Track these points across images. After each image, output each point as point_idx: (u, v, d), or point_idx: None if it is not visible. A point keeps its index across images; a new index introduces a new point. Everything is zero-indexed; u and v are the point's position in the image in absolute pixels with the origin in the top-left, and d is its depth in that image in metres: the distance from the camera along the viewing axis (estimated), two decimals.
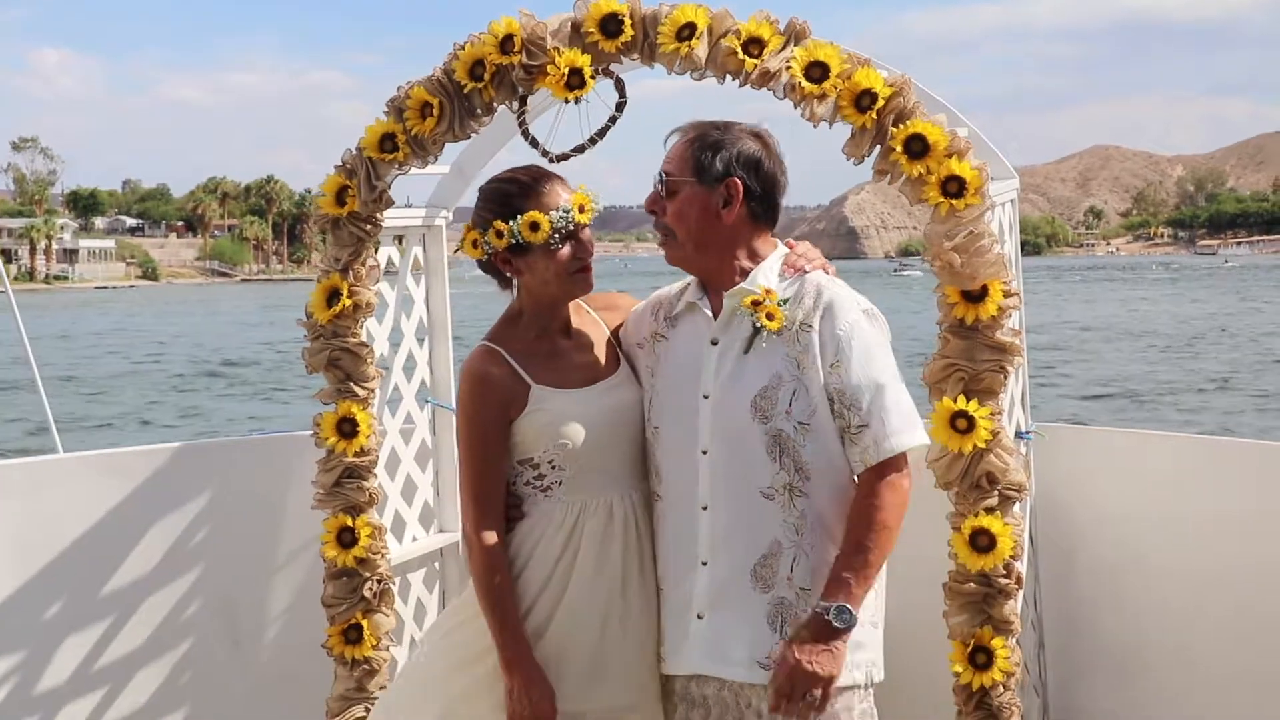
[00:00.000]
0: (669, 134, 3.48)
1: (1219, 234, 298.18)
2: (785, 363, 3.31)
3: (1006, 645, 3.46)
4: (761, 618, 3.32)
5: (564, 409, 3.48)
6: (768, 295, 3.32)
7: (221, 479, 4.78)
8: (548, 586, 3.50)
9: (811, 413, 3.30)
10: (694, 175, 3.37)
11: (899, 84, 3.41)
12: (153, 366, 49.97)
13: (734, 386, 3.34)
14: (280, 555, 4.80)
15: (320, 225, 4.00)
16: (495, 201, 3.53)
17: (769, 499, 3.31)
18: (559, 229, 3.46)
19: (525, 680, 3.43)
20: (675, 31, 3.43)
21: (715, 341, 3.40)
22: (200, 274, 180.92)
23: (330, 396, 4.03)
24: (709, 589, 3.36)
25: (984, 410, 3.42)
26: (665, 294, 3.62)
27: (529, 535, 3.53)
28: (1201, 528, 4.44)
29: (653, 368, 3.51)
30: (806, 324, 3.32)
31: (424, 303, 4.71)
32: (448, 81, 3.65)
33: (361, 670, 4.05)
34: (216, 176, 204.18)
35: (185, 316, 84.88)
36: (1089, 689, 4.63)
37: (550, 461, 3.49)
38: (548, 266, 3.50)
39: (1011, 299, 3.47)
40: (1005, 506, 3.46)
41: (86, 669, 4.54)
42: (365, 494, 4.04)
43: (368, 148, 3.80)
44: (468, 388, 3.53)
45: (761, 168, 3.39)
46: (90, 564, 4.54)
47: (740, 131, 3.40)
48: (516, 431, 3.52)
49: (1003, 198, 4.07)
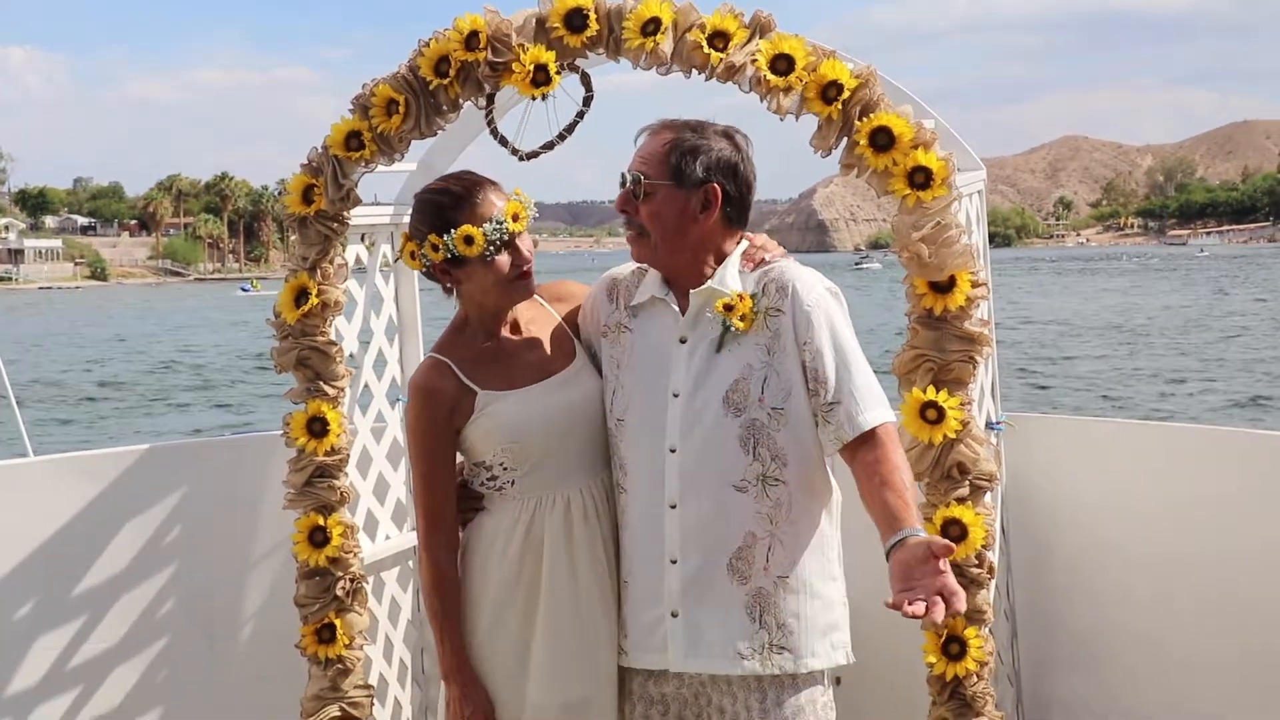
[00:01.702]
0: (639, 132, 3.45)
1: (1189, 224, 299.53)
2: (755, 351, 3.30)
3: (979, 635, 3.47)
4: (740, 609, 3.31)
5: (510, 411, 3.48)
6: (740, 300, 3.31)
7: (192, 480, 4.76)
8: (505, 583, 3.50)
9: (786, 396, 3.29)
10: (671, 179, 3.34)
11: (865, 75, 3.41)
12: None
13: (704, 384, 3.33)
14: (253, 555, 4.79)
15: (287, 224, 3.98)
16: (429, 214, 3.50)
17: (741, 491, 3.30)
18: (493, 240, 3.43)
19: (461, 692, 3.48)
20: (640, 26, 3.43)
21: (684, 340, 3.39)
22: (153, 274, 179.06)
23: (300, 396, 4.02)
24: (682, 586, 3.34)
25: (954, 400, 3.43)
26: (619, 277, 3.58)
27: (485, 533, 3.55)
28: (1171, 515, 4.46)
29: (618, 359, 3.48)
30: (774, 309, 3.30)
31: (393, 300, 4.70)
32: (413, 78, 3.65)
33: (335, 669, 4.04)
34: (178, 174, 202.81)
35: (105, 323, 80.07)
36: (1062, 677, 4.65)
37: (501, 463, 3.51)
38: (486, 276, 3.48)
39: (979, 289, 3.48)
40: (976, 496, 3.48)
41: (59, 670, 4.52)
42: (337, 493, 4.03)
43: (333, 146, 3.79)
44: (414, 402, 3.55)
45: (738, 172, 3.38)
46: (62, 566, 4.52)
47: (714, 134, 3.38)
48: (465, 438, 3.53)
49: (970, 189, 4.08)
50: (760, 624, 3.30)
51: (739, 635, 3.31)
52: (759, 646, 3.29)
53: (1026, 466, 4.52)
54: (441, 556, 3.52)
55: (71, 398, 40.60)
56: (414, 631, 4.72)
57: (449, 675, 3.50)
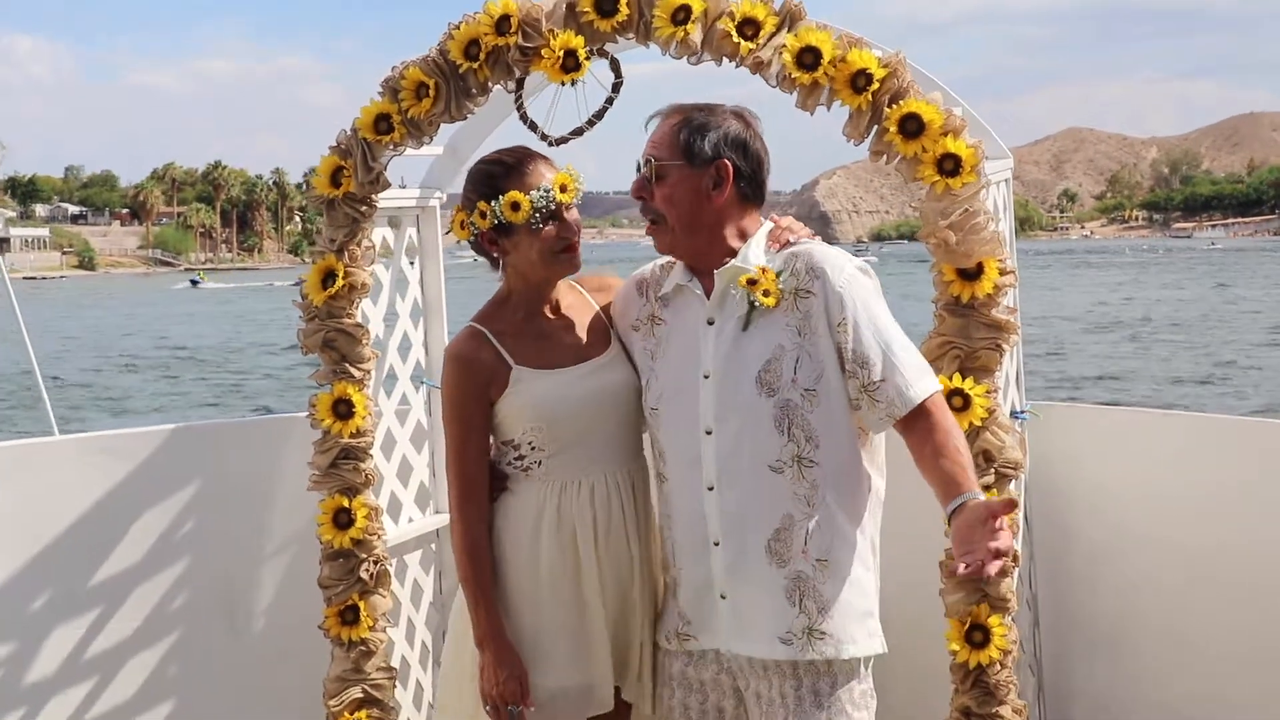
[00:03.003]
0: (649, 118, 3.45)
1: (1194, 216, 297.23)
2: (786, 332, 3.29)
3: (1003, 623, 3.48)
4: (780, 593, 3.30)
5: (543, 390, 3.49)
6: (763, 274, 3.31)
7: (217, 461, 4.78)
8: (527, 564, 3.51)
9: (818, 377, 3.27)
10: (683, 158, 3.34)
11: (893, 64, 3.42)
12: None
13: (735, 364, 3.32)
14: (276, 537, 4.81)
15: (314, 206, 3.99)
16: (480, 182, 3.53)
17: (778, 473, 3.29)
18: (540, 208, 3.45)
19: (495, 658, 3.47)
20: (670, 14, 3.43)
21: (711, 321, 3.39)
22: (142, 263, 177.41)
23: (326, 378, 4.03)
24: (725, 569, 3.35)
25: (980, 388, 3.44)
26: (648, 274, 3.59)
27: (510, 513, 3.55)
28: (1196, 505, 4.45)
29: (651, 350, 3.49)
30: (804, 290, 3.28)
31: (419, 284, 4.71)
32: (443, 62, 3.65)
33: (358, 651, 4.06)
34: (171, 162, 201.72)
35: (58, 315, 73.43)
36: (1084, 666, 4.65)
37: (530, 443, 3.51)
38: (532, 246, 3.49)
39: (1007, 277, 3.48)
40: (1001, 484, 3.48)
41: (83, 649, 4.55)
42: (361, 475, 4.05)
43: (363, 129, 3.80)
44: (450, 369, 3.56)
45: (748, 148, 3.38)
46: (86, 546, 4.54)
47: (724, 113, 3.38)
48: (497, 413, 3.53)
49: (997, 177, 4.08)
50: (800, 608, 3.29)
51: (780, 619, 3.30)
52: (799, 631, 3.28)
53: (1050, 455, 4.52)
54: (475, 525, 3.52)
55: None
56: (435, 614, 4.73)
57: (483, 641, 3.48)
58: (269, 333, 55.73)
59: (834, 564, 3.29)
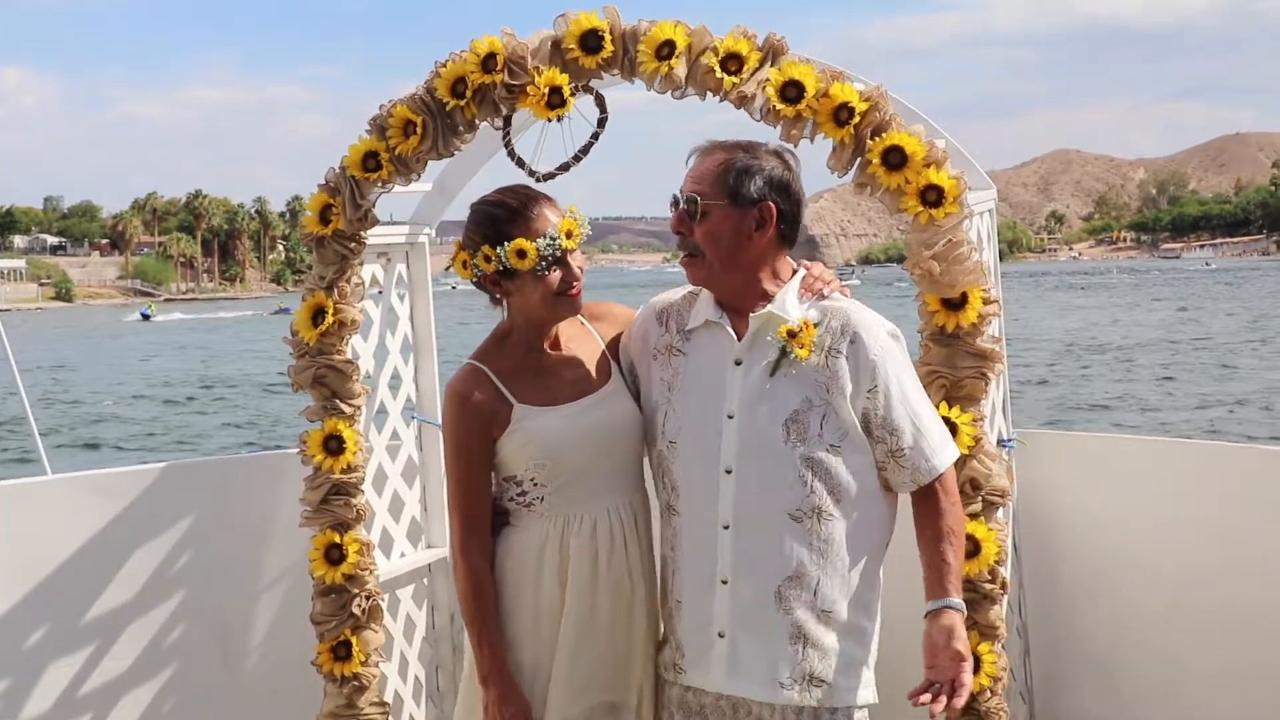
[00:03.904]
0: (690, 154, 3.44)
1: (1182, 237, 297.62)
2: (814, 387, 3.30)
3: (993, 650, 3.49)
4: (784, 638, 3.32)
5: (545, 427, 3.50)
6: (805, 329, 3.32)
7: (209, 497, 4.79)
8: (530, 600, 3.52)
9: (842, 435, 3.29)
10: (727, 199, 3.34)
11: (874, 97, 3.45)
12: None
13: (762, 407, 3.32)
14: (268, 572, 4.81)
15: (305, 243, 4.01)
16: (484, 224, 3.52)
17: (797, 521, 3.30)
18: (545, 256, 3.46)
19: (499, 695, 3.48)
20: (654, 50, 3.46)
21: (739, 361, 3.38)
22: (121, 294, 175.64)
23: (316, 414, 4.05)
24: (731, 608, 3.35)
25: (966, 417, 3.46)
26: (669, 302, 3.59)
27: (513, 549, 3.56)
28: (1183, 530, 4.47)
29: (669, 382, 3.48)
30: (835, 350, 3.30)
31: (408, 319, 4.72)
32: (430, 100, 3.68)
33: (351, 687, 4.06)
34: (153, 192, 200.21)
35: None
36: (1075, 693, 4.66)
37: (532, 479, 3.52)
38: (535, 290, 3.50)
39: (991, 306, 3.51)
40: (989, 512, 3.50)
41: (77, 686, 4.54)
42: (353, 510, 4.06)
43: (351, 166, 3.82)
44: (450, 407, 3.57)
45: (790, 190, 3.39)
46: (79, 583, 4.55)
47: (766, 153, 3.39)
48: (499, 450, 3.54)
49: (980, 207, 4.11)
50: (802, 655, 3.31)
51: (780, 663, 3.31)
52: (799, 677, 3.30)
53: (1038, 482, 4.54)
54: (477, 561, 3.52)
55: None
56: (429, 649, 4.73)
57: (487, 678, 3.49)
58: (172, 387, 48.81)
59: (838, 615, 3.31)
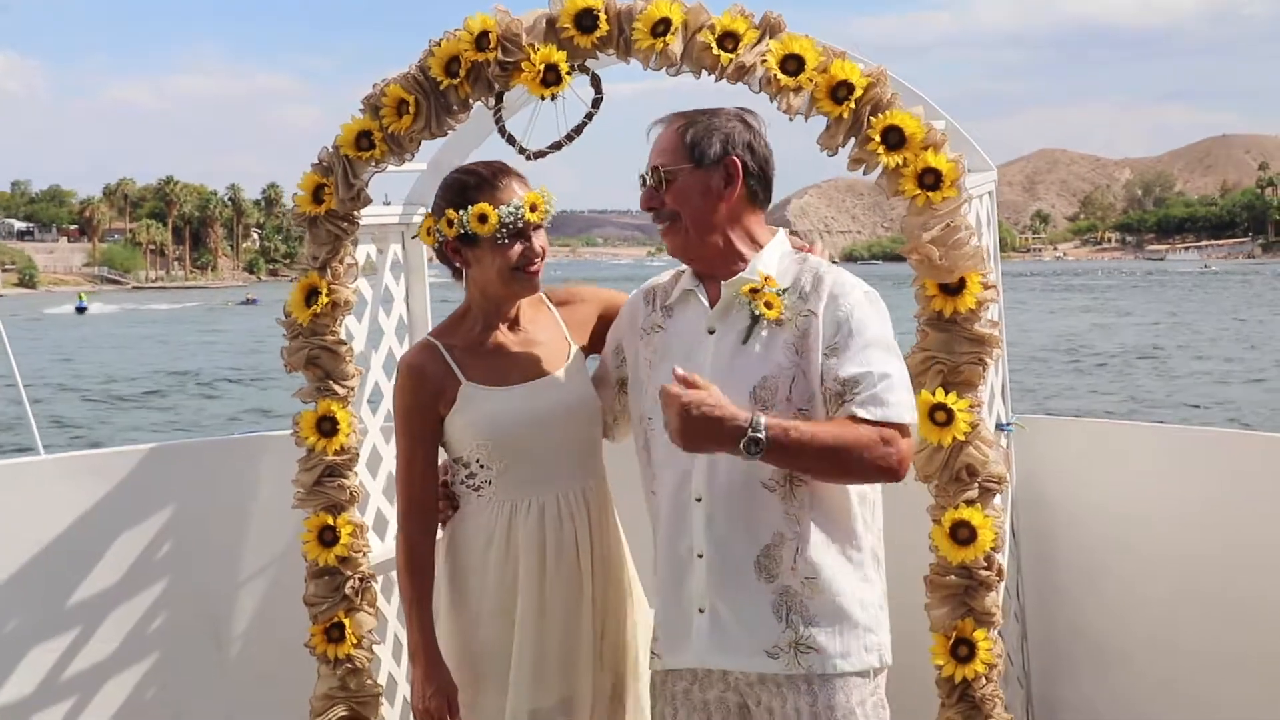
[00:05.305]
0: (651, 126, 3.44)
1: (1167, 238, 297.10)
2: (785, 350, 3.26)
3: (988, 637, 3.47)
4: (767, 608, 3.28)
5: (488, 407, 3.50)
6: (766, 282, 3.29)
7: (201, 478, 4.77)
8: (476, 585, 3.53)
9: (810, 397, 3.25)
10: (690, 161, 3.33)
11: (876, 75, 3.41)
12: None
13: (732, 376, 3.27)
14: (261, 554, 4.79)
15: (297, 223, 3.99)
16: (452, 191, 3.56)
17: (770, 490, 3.27)
18: (507, 224, 3.46)
19: (424, 673, 3.52)
20: (650, 27, 3.42)
21: (712, 330, 3.36)
22: (88, 281, 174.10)
23: (310, 395, 4.02)
24: (709, 582, 3.31)
25: (963, 403, 3.43)
26: (658, 282, 3.58)
27: (463, 533, 3.57)
28: (1181, 516, 4.45)
29: (650, 359, 3.46)
30: (810, 310, 3.27)
31: (403, 300, 4.70)
32: (423, 78, 3.65)
33: (344, 669, 4.04)
34: (125, 178, 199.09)
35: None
36: (1072, 679, 4.64)
37: (478, 460, 3.52)
38: (493, 262, 3.51)
39: (989, 291, 3.48)
40: (985, 498, 3.47)
41: (66, 668, 4.52)
42: (346, 492, 4.03)
43: (344, 145, 3.79)
44: (400, 380, 3.59)
45: (754, 147, 3.37)
46: (71, 564, 4.53)
47: (727, 114, 3.39)
48: (446, 429, 3.55)
49: (980, 190, 4.07)
50: (786, 623, 3.27)
51: (766, 633, 3.28)
52: (786, 645, 3.26)
53: (1035, 468, 4.51)
54: (417, 538, 3.56)
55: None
56: None
57: (414, 654, 3.54)
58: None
59: (823, 580, 3.26)
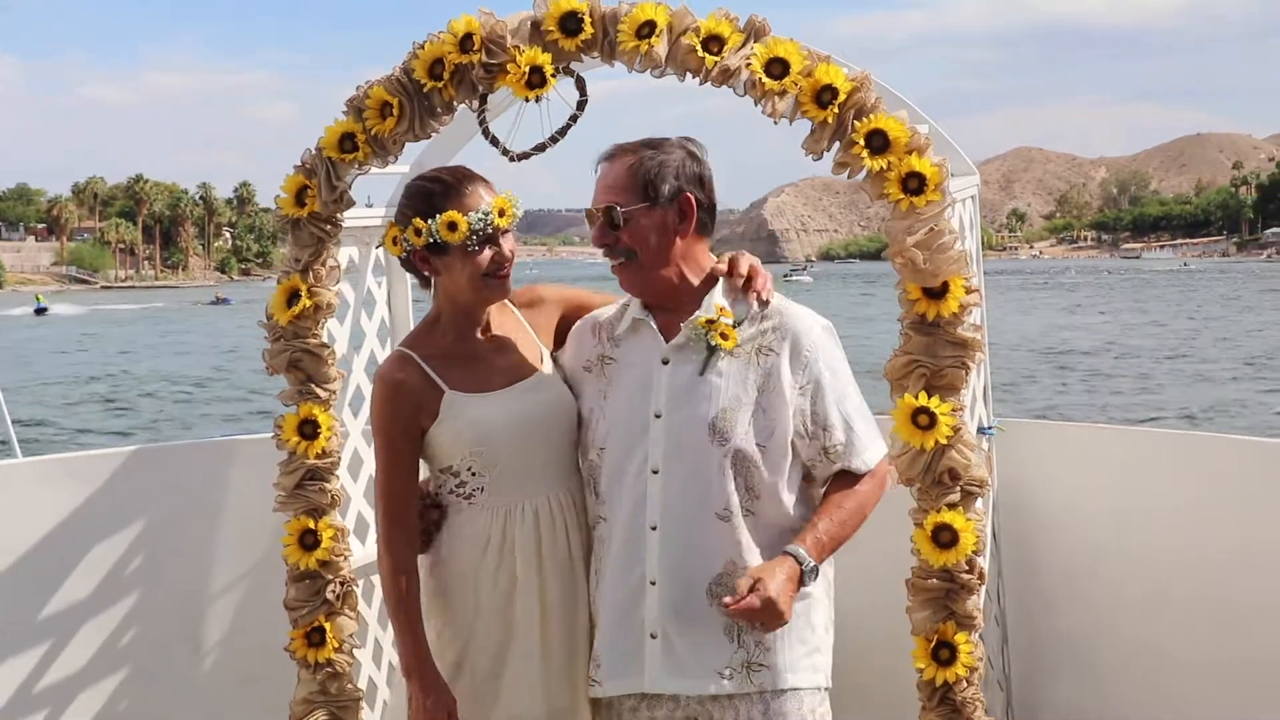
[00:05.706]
0: (596, 161, 3.48)
1: (1143, 237, 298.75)
2: (743, 386, 3.33)
3: (970, 640, 3.47)
4: (719, 630, 3.33)
5: (479, 414, 3.49)
6: (721, 314, 3.33)
7: (181, 482, 4.74)
8: (472, 593, 3.51)
9: (770, 434, 3.33)
10: (644, 200, 3.38)
11: (860, 80, 3.42)
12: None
13: (689, 407, 3.34)
14: (241, 558, 4.77)
15: (280, 226, 3.97)
16: (418, 199, 3.54)
17: (724, 520, 3.33)
18: (477, 230, 3.46)
19: (421, 687, 3.48)
20: (635, 29, 3.42)
21: (666, 360, 3.40)
22: (55, 280, 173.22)
23: (291, 398, 4.00)
24: (661, 608, 3.35)
25: (945, 406, 3.43)
26: (603, 316, 3.60)
27: (456, 543, 3.55)
28: (1162, 519, 4.47)
29: (603, 390, 3.49)
30: (768, 348, 3.35)
31: (385, 303, 4.69)
32: (407, 81, 3.64)
33: (325, 673, 4.02)
34: (94, 176, 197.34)
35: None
36: (1053, 682, 4.66)
37: (469, 468, 3.51)
38: (464, 269, 3.50)
39: (972, 295, 3.48)
40: (967, 502, 3.47)
41: (44, 673, 4.49)
42: (327, 496, 4.01)
43: (327, 147, 3.78)
44: (377, 394, 3.56)
45: (703, 180, 3.44)
46: (49, 568, 4.50)
47: (672, 147, 3.43)
48: (432, 441, 3.52)
49: (963, 194, 4.08)
50: (739, 643, 3.33)
51: (718, 656, 3.33)
52: (739, 665, 3.32)
53: (1017, 472, 4.52)
54: (400, 551, 3.52)
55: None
56: None
57: (410, 670, 3.50)
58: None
59: None
